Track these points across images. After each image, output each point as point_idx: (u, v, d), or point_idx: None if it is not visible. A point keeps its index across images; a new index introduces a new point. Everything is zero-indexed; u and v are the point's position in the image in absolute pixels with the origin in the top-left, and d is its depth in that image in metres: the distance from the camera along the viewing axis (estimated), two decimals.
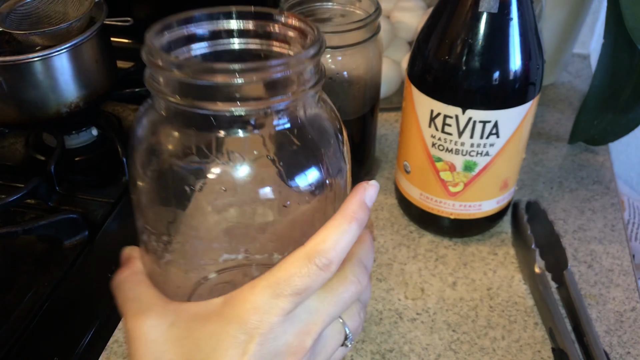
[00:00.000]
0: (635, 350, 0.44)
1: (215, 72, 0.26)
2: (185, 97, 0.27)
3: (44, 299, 0.47)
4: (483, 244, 0.54)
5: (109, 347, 0.45)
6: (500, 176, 0.49)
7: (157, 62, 0.27)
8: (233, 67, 0.26)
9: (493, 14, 0.42)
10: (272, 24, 0.32)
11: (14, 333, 0.44)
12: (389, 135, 0.67)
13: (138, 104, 0.69)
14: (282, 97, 0.28)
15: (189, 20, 0.31)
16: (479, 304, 0.48)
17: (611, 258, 0.52)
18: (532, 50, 0.44)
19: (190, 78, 0.27)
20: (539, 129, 0.68)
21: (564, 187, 0.60)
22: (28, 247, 0.52)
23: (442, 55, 0.45)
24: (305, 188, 0.30)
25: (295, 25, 0.31)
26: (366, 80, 0.54)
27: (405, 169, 0.52)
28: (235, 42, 0.32)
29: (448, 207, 0.51)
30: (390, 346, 0.45)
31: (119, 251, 0.52)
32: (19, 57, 0.53)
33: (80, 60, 0.57)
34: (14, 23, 0.58)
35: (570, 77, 0.77)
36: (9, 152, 0.63)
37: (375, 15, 0.51)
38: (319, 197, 0.31)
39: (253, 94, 0.28)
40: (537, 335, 0.46)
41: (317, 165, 0.30)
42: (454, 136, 0.46)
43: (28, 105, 0.56)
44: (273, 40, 0.32)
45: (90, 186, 0.58)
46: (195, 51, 0.32)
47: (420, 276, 0.51)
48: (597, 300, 0.48)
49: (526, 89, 0.45)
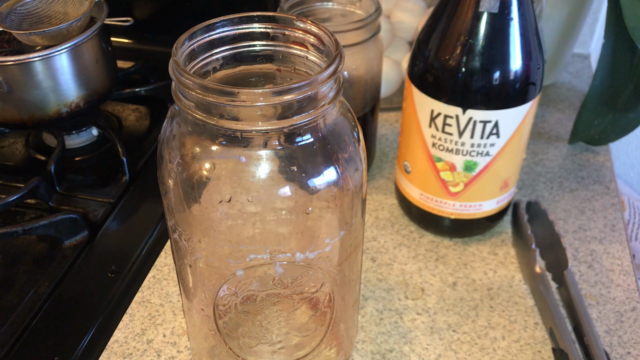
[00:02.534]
0: (635, 350, 0.44)
1: (239, 95, 0.28)
2: (209, 114, 0.29)
3: (44, 299, 0.47)
4: (483, 244, 0.54)
5: (109, 347, 0.45)
6: (500, 176, 0.49)
7: (184, 81, 0.29)
8: (256, 91, 0.28)
9: (493, 14, 0.42)
10: (290, 28, 0.34)
11: (14, 333, 0.44)
12: (389, 135, 0.67)
13: (138, 104, 0.70)
14: (305, 114, 0.30)
15: (211, 28, 0.33)
16: (479, 304, 0.48)
17: (611, 258, 0.52)
18: (533, 50, 0.44)
19: (215, 101, 0.28)
20: (539, 129, 0.68)
21: (564, 187, 0.60)
22: (28, 247, 0.52)
23: (443, 55, 0.45)
24: (324, 192, 0.32)
25: (312, 31, 0.33)
26: (366, 80, 0.54)
27: (405, 169, 0.52)
28: (257, 45, 0.34)
29: (448, 207, 0.51)
30: (390, 346, 0.45)
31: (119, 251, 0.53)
32: (19, 57, 0.53)
33: (81, 60, 0.57)
34: (14, 23, 0.58)
35: (570, 77, 0.77)
36: (9, 152, 0.63)
37: (376, 15, 0.51)
38: (337, 197, 0.33)
39: (276, 114, 0.29)
40: (537, 335, 0.46)
41: (336, 169, 0.32)
42: (454, 136, 0.46)
43: (28, 105, 0.56)
44: (291, 43, 0.34)
45: (90, 186, 0.58)
46: (218, 55, 0.34)
47: (421, 276, 0.51)
48: (597, 300, 0.48)
49: (526, 89, 0.45)
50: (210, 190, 0.32)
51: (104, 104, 0.68)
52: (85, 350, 0.44)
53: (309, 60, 0.34)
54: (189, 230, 0.34)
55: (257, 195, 0.31)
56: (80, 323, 0.46)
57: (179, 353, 0.44)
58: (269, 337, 0.38)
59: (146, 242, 0.52)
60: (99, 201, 0.56)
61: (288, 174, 0.31)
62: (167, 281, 0.50)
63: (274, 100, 0.28)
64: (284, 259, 0.34)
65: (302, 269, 0.35)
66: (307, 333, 0.39)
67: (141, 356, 0.44)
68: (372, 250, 0.53)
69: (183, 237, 0.34)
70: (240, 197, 0.31)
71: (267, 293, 0.36)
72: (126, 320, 0.47)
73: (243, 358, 0.39)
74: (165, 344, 0.45)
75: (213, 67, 0.34)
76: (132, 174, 0.59)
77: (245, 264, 0.34)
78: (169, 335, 0.46)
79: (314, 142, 0.31)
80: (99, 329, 0.46)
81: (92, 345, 0.45)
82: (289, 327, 0.38)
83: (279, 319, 0.37)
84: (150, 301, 0.48)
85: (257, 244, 0.33)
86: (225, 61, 0.35)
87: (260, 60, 0.35)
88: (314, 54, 0.34)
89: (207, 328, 0.38)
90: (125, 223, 0.55)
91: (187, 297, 0.38)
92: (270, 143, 0.30)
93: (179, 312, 0.47)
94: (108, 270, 0.50)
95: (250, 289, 0.36)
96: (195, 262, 0.35)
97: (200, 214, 0.33)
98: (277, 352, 0.39)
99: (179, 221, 0.34)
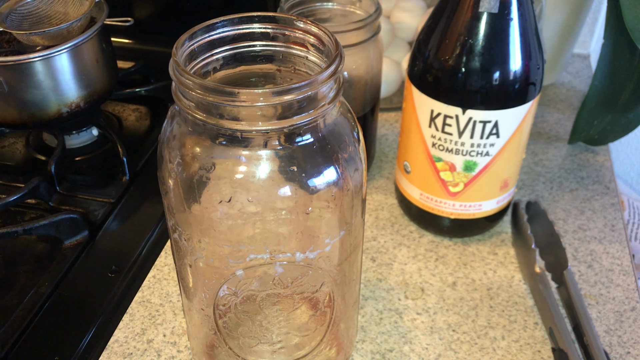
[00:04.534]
0: (635, 350, 0.45)
1: (240, 95, 0.28)
2: (209, 114, 0.29)
3: (44, 299, 0.47)
4: (483, 244, 0.54)
5: (109, 347, 0.45)
6: (500, 176, 0.49)
7: (185, 81, 0.29)
8: (256, 91, 0.28)
9: (493, 14, 0.42)
10: (290, 28, 0.34)
11: (14, 333, 0.44)
12: (389, 135, 0.67)
13: (138, 104, 0.70)
14: (305, 114, 0.30)
15: (211, 28, 0.33)
16: (479, 304, 0.48)
17: (611, 258, 0.52)
18: (532, 50, 0.44)
19: (215, 101, 0.29)
20: (539, 129, 0.68)
21: (564, 187, 0.60)
22: (28, 247, 0.52)
23: (443, 56, 0.45)
24: (324, 192, 0.32)
25: (312, 31, 0.33)
26: (366, 80, 0.54)
27: (405, 169, 0.52)
28: (257, 45, 0.35)
29: (448, 207, 0.51)
30: (390, 346, 0.45)
31: (119, 251, 0.53)
32: (19, 57, 0.54)
33: (81, 60, 0.57)
34: (14, 23, 0.58)
35: (570, 77, 0.77)
36: (9, 152, 0.63)
37: (376, 15, 0.51)
38: (337, 197, 0.33)
39: (276, 114, 0.29)
40: (537, 335, 0.46)
41: (335, 169, 0.32)
42: (454, 136, 0.46)
43: (28, 105, 0.56)
44: (291, 43, 0.34)
45: (90, 186, 0.58)
46: (218, 55, 0.34)
47: (421, 276, 0.51)
48: (597, 300, 0.48)
49: (526, 89, 0.45)
50: (210, 190, 0.32)
51: (104, 104, 0.68)
52: (85, 350, 0.44)
53: (309, 60, 0.34)
54: (189, 230, 0.34)
55: (257, 195, 0.31)
56: (80, 323, 0.46)
57: (179, 353, 0.44)
58: (269, 336, 0.38)
59: (146, 242, 0.52)
60: (99, 201, 0.56)
61: (288, 174, 0.31)
62: (167, 281, 0.50)
63: (274, 100, 0.28)
64: (284, 258, 0.34)
65: (302, 268, 0.35)
66: (307, 333, 0.39)
67: (141, 356, 0.44)
68: (372, 250, 0.53)
69: (183, 237, 0.35)
70: (240, 197, 0.31)
71: (267, 293, 0.36)
72: (126, 320, 0.47)
73: (243, 358, 0.39)
74: (165, 344, 0.45)
75: (213, 67, 0.34)
76: (132, 174, 0.59)
77: (245, 264, 0.34)
78: (169, 335, 0.46)
79: (314, 142, 0.31)
80: (99, 329, 0.46)
81: (92, 345, 0.45)
82: (289, 326, 0.38)
83: (279, 319, 0.37)
84: (150, 301, 0.48)
85: (257, 244, 0.33)
86: (226, 61, 0.35)
87: (261, 60, 0.35)
88: (314, 54, 0.34)
89: (207, 328, 0.38)
90: (125, 223, 0.55)
91: (187, 297, 0.38)
92: (270, 143, 0.30)
93: (179, 312, 0.47)
94: (108, 270, 0.50)
95: (250, 289, 0.36)
96: (195, 262, 0.35)
97: (200, 214, 0.33)
98: (277, 351, 0.39)
99: (179, 221, 0.34)
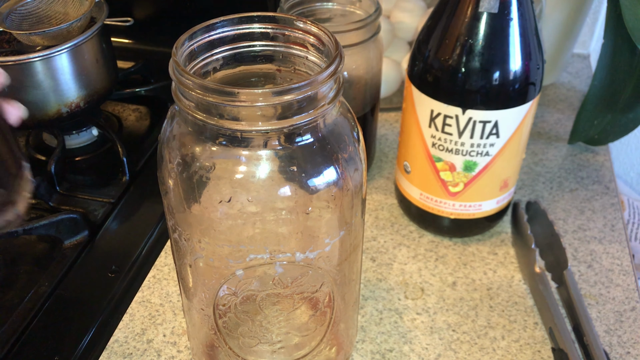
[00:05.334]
0: (635, 350, 0.45)
1: (240, 95, 0.28)
2: (209, 114, 0.29)
3: (44, 299, 0.47)
4: (483, 244, 0.54)
5: (109, 347, 0.45)
6: (500, 176, 0.49)
7: (184, 81, 0.29)
8: (256, 91, 0.28)
9: (493, 14, 0.42)
10: (290, 28, 0.34)
11: (14, 333, 0.44)
12: (389, 135, 0.67)
13: (138, 104, 0.70)
14: (305, 114, 0.30)
15: (211, 28, 0.33)
16: (479, 304, 0.48)
17: (611, 258, 0.52)
18: (532, 50, 0.44)
19: (215, 101, 0.29)
20: (539, 129, 0.68)
21: (564, 187, 0.60)
22: (28, 247, 0.52)
23: (443, 56, 0.45)
24: (324, 192, 0.32)
25: (312, 31, 0.33)
26: (366, 80, 0.54)
27: (405, 169, 0.52)
28: (257, 45, 0.35)
29: (448, 207, 0.51)
30: (390, 346, 0.45)
31: (119, 251, 0.53)
32: (19, 57, 0.54)
33: (81, 60, 0.58)
34: (14, 23, 0.58)
35: (570, 77, 0.77)
36: None
37: (376, 15, 0.51)
38: (337, 197, 0.33)
39: (276, 114, 0.29)
40: (537, 335, 0.46)
41: (335, 169, 0.32)
42: (454, 136, 0.46)
43: (28, 105, 0.56)
44: (291, 43, 0.34)
45: (90, 186, 0.58)
46: (218, 55, 0.34)
47: (420, 276, 0.51)
48: (597, 300, 0.48)
49: (526, 89, 0.45)
50: (210, 190, 0.32)
51: (104, 104, 0.68)
52: (85, 350, 0.44)
53: (309, 60, 0.34)
54: (189, 230, 0.34)
55: (257, 195, 0.31)
56: (80, 323, 0.46)
57: (179, 353, 0.44)
58: (269, 336, 0.38)
59: (146, 242, 0.52)
60: (99, 201, 0.56)
61: (288, 174, 0.31)
62: (167, 281, 0.50)
63: (274, 100, 0.28)
64: (283, 258, 0.34)
65: (302, 268, 0.35)
66: (307, 333, 0.39)
67: (141, 356, 0.44)
68: (372, 250, 0.53)
69: (183, 237, 0.35)
70: (240, 197, 0.31)
71: (267, 293, 0.36)
72: (126, 320, 0.47)
73: (243, 358, 0.39)
74: (165, 344, 0.45)
75: (213, 67, 0.34)
76: (132, 174, 0.59)
77: (245, 264, 0.34)
78: (169, 335, 0.46)
79: (313, 142, 0.31)
80: (99, 329, 0.46)
81: (92, 345, 0.45)
82: (289, 326, 0.38)
83: (278, 319, 0.37)
84: (150, 301, 0.48)
85: (257, 244, 0.33)
86: (225, 61, 0.35)
87: (260, 60, 0.35)
88: (314, 54, 0.34)
89: (207, 328, 0.38)
90: (125, 223, 0.55)
91: (187, 296, 0.38)
92: (270, 143, 0.30)
93: (179, 312, 0.47)
94: (108, 270, 0.50)
95: (250, 289, 0.36)
96: (195, 262, 0.35)
97: (200, 214, 0.33)
98: (277, 351, 0.39)
99: (179, 221, 0.34)
